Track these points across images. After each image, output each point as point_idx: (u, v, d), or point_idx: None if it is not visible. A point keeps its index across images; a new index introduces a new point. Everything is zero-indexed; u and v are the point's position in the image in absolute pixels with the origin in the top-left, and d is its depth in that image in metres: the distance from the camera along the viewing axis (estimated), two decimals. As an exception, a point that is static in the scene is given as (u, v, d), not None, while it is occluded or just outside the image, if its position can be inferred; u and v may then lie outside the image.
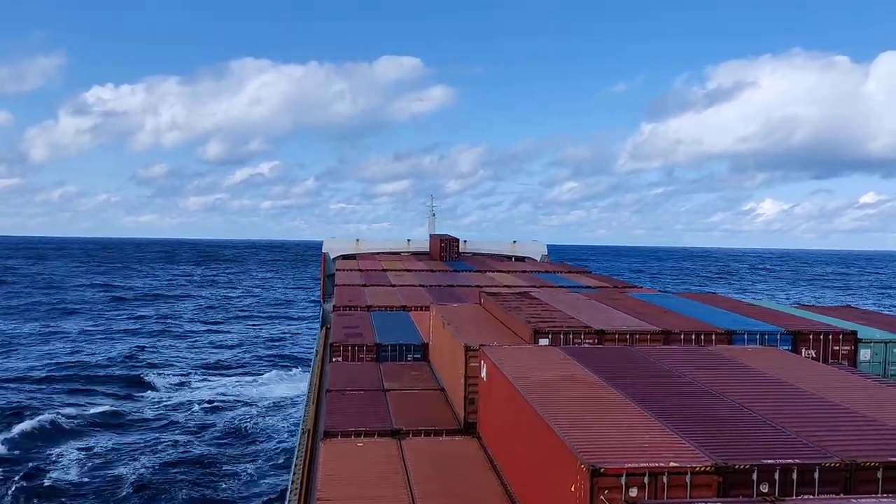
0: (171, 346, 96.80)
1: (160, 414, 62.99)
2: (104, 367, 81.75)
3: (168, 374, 77.95)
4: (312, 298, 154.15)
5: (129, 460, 51.08)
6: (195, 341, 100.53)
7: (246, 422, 60.39)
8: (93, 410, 62.96)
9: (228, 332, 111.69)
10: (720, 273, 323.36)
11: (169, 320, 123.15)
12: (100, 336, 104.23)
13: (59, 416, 60.15)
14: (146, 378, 75.48)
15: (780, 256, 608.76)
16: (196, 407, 64.77)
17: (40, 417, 59.25)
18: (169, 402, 66.79)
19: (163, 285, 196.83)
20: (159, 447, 53.84)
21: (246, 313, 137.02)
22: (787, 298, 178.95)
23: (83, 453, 52.25)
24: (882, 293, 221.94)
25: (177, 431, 57.97)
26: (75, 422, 59.58)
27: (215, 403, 66.09)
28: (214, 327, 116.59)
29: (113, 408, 64.23)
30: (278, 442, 55.12)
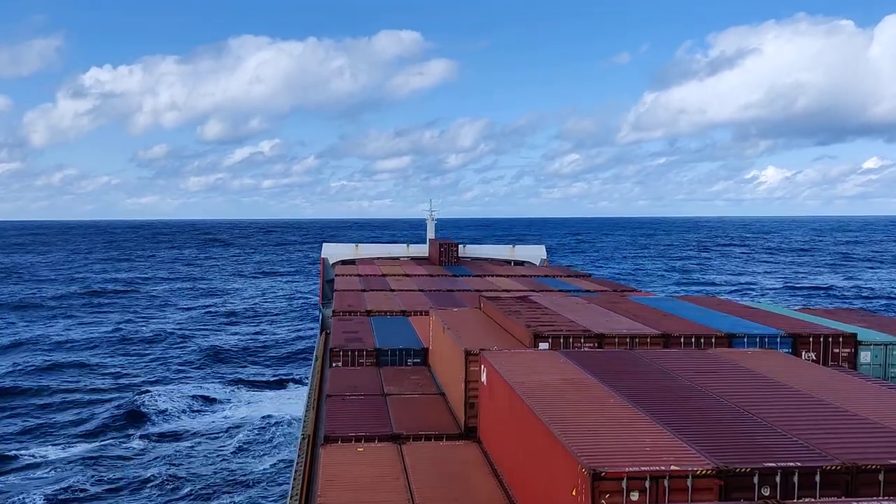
0: (162, 355, 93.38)
1: (148, 443, 58.02)
2: (87, 383, 77.22)
3: (158, 393, 72.58)
4: (312, 290, 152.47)
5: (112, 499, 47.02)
6: (189, 348, 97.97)
7: (242, 445, 56.52)
8: (71, 442, 57.88)
9: (224, 335, 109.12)
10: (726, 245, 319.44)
11: (161, 322, 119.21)
12: (85, 343, 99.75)
13: (31, 445, 56.07)
14: (135, 398, 70.08)
15: (789, 226, 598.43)
16: (187, 432, 60.30)
17: (7, 446, 54.88)
18: (157, 428, 62.17)
19: (157, 278, 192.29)
20: (147, 482, 49.66)
21: (242, 311, 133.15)
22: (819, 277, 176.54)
23: (58, 493, 47.46)
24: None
25: (165, 461, 53.55)
26: (49, 452, 55.05)
27: (209, 425, 62.35)
28: (209, 330, 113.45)
29: (95, 435, 59.30)
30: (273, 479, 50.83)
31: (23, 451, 55.38)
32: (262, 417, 63.30)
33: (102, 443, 57.80)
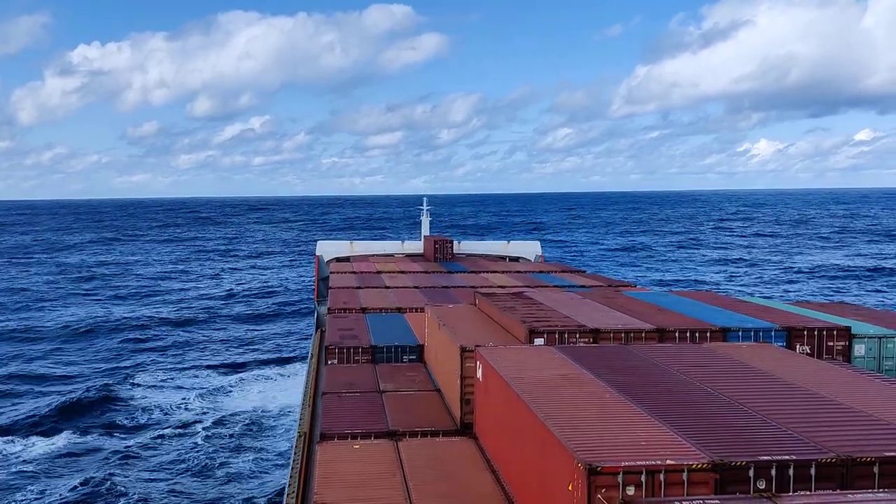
0: (152, 341, 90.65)
1: (137, 433, 56.83)
2: (73, 371, 75.69)
3: (147, 381, 71.46)
4: (305, 270, 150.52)
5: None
6: (179, 333, 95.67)
7: (236, 437, 55.65)
8: (55, 434, 56.24)
9: (216, 319, 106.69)
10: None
11: (152, 307, 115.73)
12: (72, 330, 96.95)
13: (12, 437, 54.68)
14: (123, 387, 68.94)
15: (784, 200, 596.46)
16: (178, 422, 58.85)
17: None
18: (145, 417, 60.83)
19: (148, 260, 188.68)
20: (136, 474, 48.71)
21: (235, 294, 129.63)
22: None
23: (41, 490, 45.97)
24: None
25: (156, 453, 52.50)
26: (32, 444, 53.82)
27: (200, 415, 60.98)
28: (200, 314, 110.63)
29: (84, 430, 57.44)
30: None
31: (4, 443, 54.58)
32: (256, 408, 62.71)
33: (91, 435, 56.68)
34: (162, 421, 60.54)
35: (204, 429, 58.09)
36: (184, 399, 66.59)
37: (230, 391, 69.48)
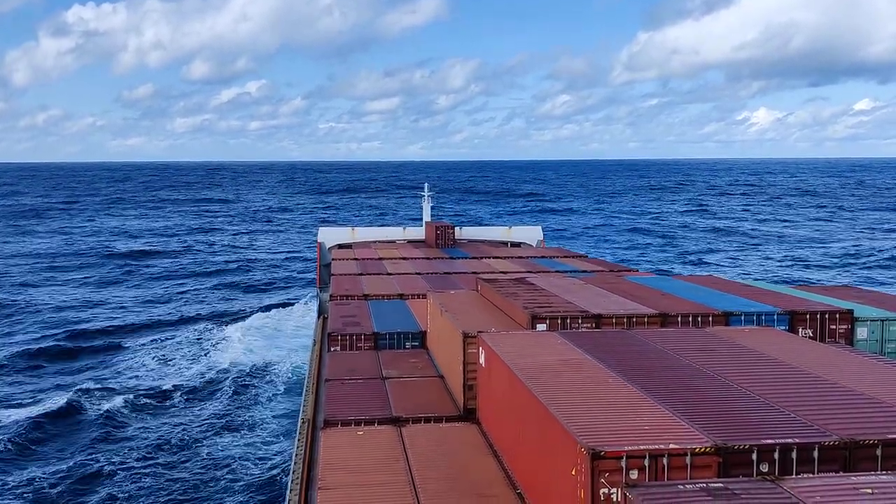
0: (149, 315, 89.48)
1: (140, 407, 55.01)
2: (74, 345, 73.55)
3: (146, 352, 70.79)
4: (305, 241, 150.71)
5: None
6: (178, 306, 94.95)
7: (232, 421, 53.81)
8: (51, 402, 54.74)
9: (216, 289, 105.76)
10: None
11: (152, 278, 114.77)
12: (73, 299, 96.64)
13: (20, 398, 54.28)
14: (125, 359, 68.55)
15: (784, 169, 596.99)
16: (177, 395, 57.50)
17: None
18: (143, 384, 59.81)
19: (146, 228, 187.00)
20: (134, 449, 47.49)
21: (235, 263, 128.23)
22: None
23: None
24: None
25: (156, 428, 51.21)
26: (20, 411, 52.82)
27: (198, 392, 59.04)
28: (201, 283, 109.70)
29: (62, 396, 55.89)
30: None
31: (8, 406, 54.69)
32: (247, 362, 63.54)
33: (82, 394, 56.21)
34: (156, 379, 60.83)
35: (197, 385, 58.47)
36: (174, 357, 67.45)
37: (222, 348, 70.51)
